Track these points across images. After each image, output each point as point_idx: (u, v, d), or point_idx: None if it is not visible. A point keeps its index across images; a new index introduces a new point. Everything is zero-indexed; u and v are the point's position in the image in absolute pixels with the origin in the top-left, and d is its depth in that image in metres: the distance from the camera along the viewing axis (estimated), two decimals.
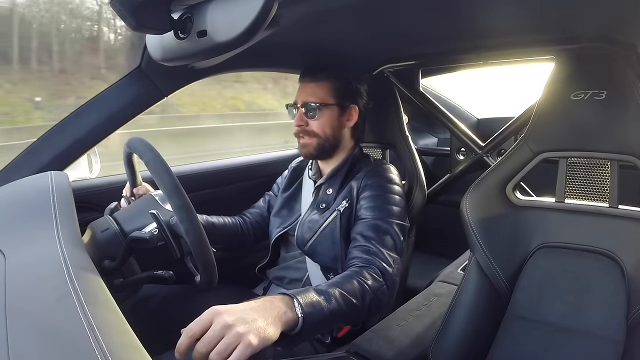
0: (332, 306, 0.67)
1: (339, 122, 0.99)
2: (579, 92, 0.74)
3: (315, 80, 0.98)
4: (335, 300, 0.68)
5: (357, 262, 0.82)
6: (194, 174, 1.30)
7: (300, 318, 0.61)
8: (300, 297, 0.62)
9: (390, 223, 0.90)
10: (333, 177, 1.00)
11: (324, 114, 0.97)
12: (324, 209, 0.98)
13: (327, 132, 0.98)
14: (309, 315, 0.62)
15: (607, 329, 0.69)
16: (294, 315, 0.60)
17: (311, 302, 0.63)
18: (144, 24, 0.64)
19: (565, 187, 0.79)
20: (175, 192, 0.63)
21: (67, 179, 0.75)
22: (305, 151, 1.00)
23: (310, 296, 0.65)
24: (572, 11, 0.76)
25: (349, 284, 0.74)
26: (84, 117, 0.94)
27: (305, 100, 0.97)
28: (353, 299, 0.72)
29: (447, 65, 1.43)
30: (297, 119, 0.98)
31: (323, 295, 0.66)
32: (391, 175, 0.98)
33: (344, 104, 0.99)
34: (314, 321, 0.62)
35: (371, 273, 0.79)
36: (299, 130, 0.98)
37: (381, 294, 0.79)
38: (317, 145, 0.98)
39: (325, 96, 0.97)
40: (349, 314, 0.71)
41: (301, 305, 0.61)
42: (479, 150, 1.34)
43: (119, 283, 0.69)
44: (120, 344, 0.38)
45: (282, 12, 0.60)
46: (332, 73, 0.98)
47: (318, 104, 0.96)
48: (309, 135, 0.98)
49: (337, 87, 0.98)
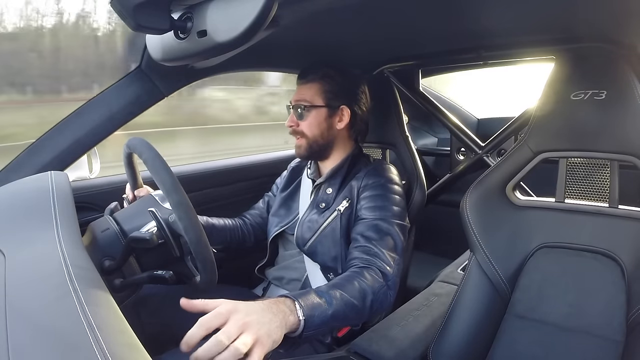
0: (334, 308, 0.67)
1: (327, 123, 0.99)
2: (579, 92, 0.74)
3: (306, 81, 0.98)
4: (336, 302, 0.68)
5: (357, 263, 0.82)
6: (194, 174, 1.30)
7: (302, 321, 0.61)
8: (301, 300, 0.63)
9: (391, 223, 0.90)
10: (332, 177, 1.01)
11: (312, 115, 0.97)
12: (324, 208, 0.98)
13: (315, 133, 0.98)
14: (310, 318, 0.62)
15: (607, 329, 0.69)
16: (296, 319, 0.61)
17: (312, 305, 0.64)
18: (144, 24, 0.64)
19: (565, 187, 0.79)
20: (173, 189, 0.63)
21: (67, 179, 0.75)
22: (298, 152, 1.01)
23: (312, 299, 0.65)
24: (572, 11, 0.76)
25: (350, 285, 0.74)
26: (84, 117, 0.94)
27: (296, 101, 0.98)
28: (354, 300, 0.72)
29: (447, 65, 1.43)
30: (289, 120, 1.00)
31: (324, 298, 0.67)
32: (391, 175, 0.98)
33: (333, 104, 0.98)
34: (315, 324, 0.63)
35: (372, 274, 0.79)
36: (290, 131, 1.00)
37: (382, 295, 0.79)
38: (307, 145, 0.99)
39: (313, 97, 0.97)
40: (350, 315, 0.72)
41: (302, 308, 0.62)
42: (479, 150, 1.35)
43: (119, 283, 0.69)
44: (120, 344, 0.38)
45: (282, 12, 0.60)
46: (322, 74, 0.98)
47: (306, 105, 0.97)
48: (299, 136, 0.99)
49: (326, 88, 0.98)
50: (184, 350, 0.51)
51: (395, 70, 1.31)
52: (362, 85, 1.04)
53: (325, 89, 0.98)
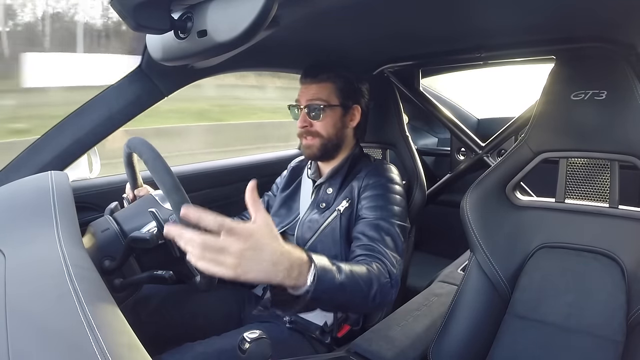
0: (342, 278, 0.65)
1: (342, 122, 0.99)
2: (579, 92, 0.74)
3: (318, 80, 0.98)
4: (345, 275, 0.66)
5: (363, 258, 0.82)
6: (194, 174, 1.30)
7: (312, 278, 0.59)
8: (315, 259, 0.61)
9: (392, 224, 0.89)
10: (333, 177, 1.00)
11: (328, 114, 0.97)
12: (324, 208, 0.98)
13: (331, 133, 0.98)
14: (322, 277, 0.60)
15: (607, 329, 0.69)
16: (304, 277, 0.58)
17: (324, 267, 0.62)
18: (144, 24, 0.64)
19: (566, 187, 0.79)
20: (174, 189, 0.63)
21: (67, 179, 0.75)
22: (309, 152, 1.00)
23: (324, 262, 0.63)
24: (572, 11, 0.76)
25: (359, 267, 0.73)
26: (84, 117, 0.94)
27: (309, 101, 0.97)
28: (361, 282, 0.71)
29: (447, 65, 1.43)
30: (301, 120, 0.97)
31: (335, 266, 0.65)
32: (392, 175, 0.98)
33: (347, 104, 0.99)
34: (324, 288, 0.60)
35: (379, 266, 0.79)
36: (302, 131, 0.98)
37: (386, 289, 0.78)
38: (321, 145, 0.98)
39: (328, 97, 0.97)
40: (355, 296, 0.70)
41: (316, 268, 0.60)
42: (479, 150, 1.34)
43: (119, 283, 0.69)
44: (120, 344, 0.38)
45: (282, 12, 0.60)
46: (334, 73, 0.98)
47: (322, 104, 0.96)
48: (312, 136, 0.98)
49: (340, 87, 0.98)
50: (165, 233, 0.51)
51: (395, 70, 1.31)
52: (367, 84, 1.05)
53: (340, 88, 0.98)
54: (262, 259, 0.52)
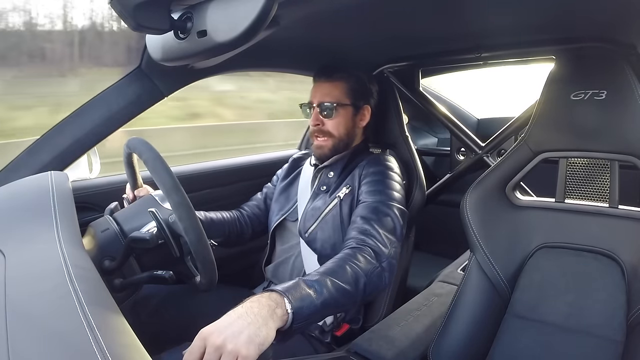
0: (324, 297, 0.66)
1: (352, 122, 1.01)
2: (579, 92, 0.74)
3: (331, 80, 0.99)
4: (326, 290, 0.67)
5: (351, 243, 0.82)
6: (194, 174, 1.30)
7: (290, 314, 0.60)
8: (289, 293, 0.62)
9: (390, 206, 0.90)
10: (335, 162, 1.02)
11: (340, 113, 0.98)
12: (325, 191, 0.99)
13: (342, 132, 1.00)
14: (299, 310, 0.61)
15: (607, 329, 0.69)
16: (284, 311, 0.60)
17: (301, 296, 0.63)
18: (144, 24, 0.64)
19: (565, 187, 0.79)
20: (174, 190, 0.63)
21: (67, 179, 0.75)
22: (320, 152, 1.01)
23: (300, 290, 0.64)
24: (572, 11, 0.76)
25: (342, 271, 0.73)
26: (84, 117, 0.94)
27: (321, 99, 0.98)
28: (346, 285, 0.71)
29: (447, 65, 1.43)
30: (313, 119, 0.99)
31: (313, 287, 0.66)
32: (392, 165, 1.00)
33: (358, 104, 1.01)
34: (305, 315, 0.62)
35: (364, 255, 0.78)
36: (314, 130, 1.00)
37: (376, 277, 0.78)
38: (332, 146, 1.00)
39: (340, 96, 0.98)
40: (343, 301, 0.71)
41: (290, 301, 0.61)
42: (479, 150, 1.34)
43: (119, 283, 0.69)
44: (120, 344, 0.38)
45: (282, 12, 0.60)
46: (348, 73, 0.99)
47: (334, 103, 0.97)
48: (324, 135, 0.99)
49: (352, 87, 0.99)
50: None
51: (395, 70, 1.31)
52: (376, 85, 1.07)
53: (352, 88, 0.99)
54: (230, 323, 0.54)
